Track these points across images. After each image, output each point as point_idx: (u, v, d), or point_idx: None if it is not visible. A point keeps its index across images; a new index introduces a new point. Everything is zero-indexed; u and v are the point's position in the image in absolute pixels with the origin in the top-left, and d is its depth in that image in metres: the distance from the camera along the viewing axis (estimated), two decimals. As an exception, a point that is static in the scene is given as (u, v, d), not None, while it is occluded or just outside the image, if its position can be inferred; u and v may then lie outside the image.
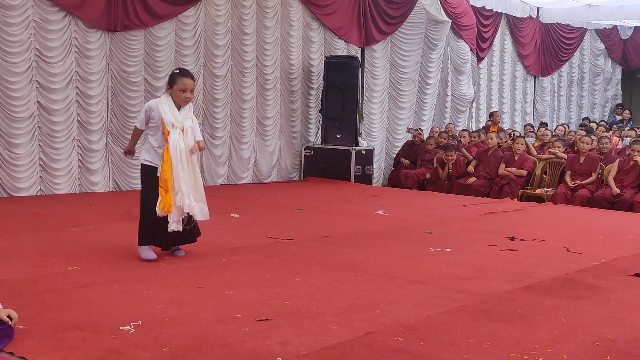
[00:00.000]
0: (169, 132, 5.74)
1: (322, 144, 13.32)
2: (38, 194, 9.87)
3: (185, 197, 5.79)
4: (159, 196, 5.73)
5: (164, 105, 5.81)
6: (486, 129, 15.25)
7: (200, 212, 5.96)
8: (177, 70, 5.98)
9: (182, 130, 5.79)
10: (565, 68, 20.18)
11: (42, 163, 9.92)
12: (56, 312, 4.24)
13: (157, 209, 5.72)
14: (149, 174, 5.87)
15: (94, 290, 4.79)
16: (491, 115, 16.45)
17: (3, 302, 3.81)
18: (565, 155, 12.01)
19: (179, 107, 5.84)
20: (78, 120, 10.25)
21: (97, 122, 10.44)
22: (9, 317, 3.71)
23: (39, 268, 5.45)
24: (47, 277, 5.14)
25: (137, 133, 6.19)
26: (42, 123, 9.87)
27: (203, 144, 6.07)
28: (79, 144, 10.31)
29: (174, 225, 5.81)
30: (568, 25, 19.41)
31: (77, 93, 10.20)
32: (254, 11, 12.32)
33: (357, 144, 13.14)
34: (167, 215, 5.77)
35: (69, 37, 10.00)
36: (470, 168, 12.38)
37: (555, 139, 13.16)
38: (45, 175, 9.96)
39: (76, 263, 5.65)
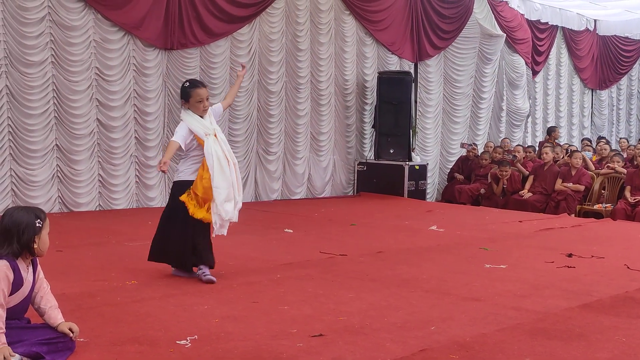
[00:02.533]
0: (204, 142, 5.69)
1: (375, 160, 13.31)
2: (97, 209, 10.09)
3: (226, 203, 5.67)
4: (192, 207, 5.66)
5: (190, 121, 5.75)
6: (540, 145, 14.88)
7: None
8: (187, 83, 5.86)
9: (215, 135, 5.75)
10: (624, 81, 19.79)
11: (101, 179, 10.14)
12: (115, 326, 4.32)
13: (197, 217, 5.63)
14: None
15: (151, 305, 4.88)
16: (551, 131, 16.00)
17: (64, 315, 3.91)
18: (624, 170, 11.76)
19: (201, 117, 5.80)
20: (136, 137, 10.47)
21: (154, 138, 10.64)
22: (70, 330, 3.80)
23: (98, 282, 5.57)
24: (105, 291, 5.25)
25: (173, 147, 5.79)
26: (101, 140, 10.10)
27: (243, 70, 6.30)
28: (137, 160, 10.51)
29: (221, 230, 5.74)
30: (627, 37, 19.05)
31: (135, 110, 10.42)
32: (307, 28, 12.42)
33: (410, 159, 13.09)
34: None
35: (128, 55, 10.24)
36: (525, 191, 12.12)
37: (614, 153, 12.90)
38: (104, 191, 10.18)
39: (134, 277, 5.75)
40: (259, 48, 11.81)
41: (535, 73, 16.77)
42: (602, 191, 11.92)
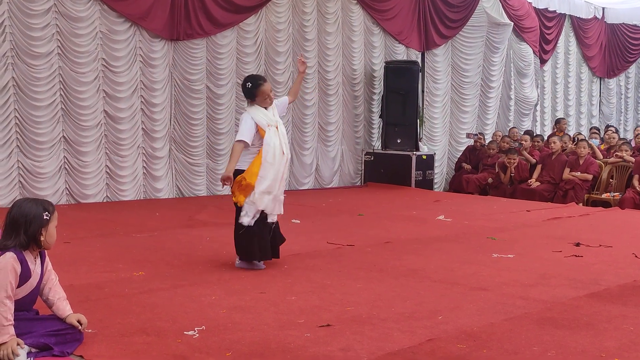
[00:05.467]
0: (265, 132, 5.81)
1: (382, 150, 13.29)
2: (104, 201, 10.11)
3: (265, 194, 5.78)
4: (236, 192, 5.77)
5: (255, 112, 5.86)
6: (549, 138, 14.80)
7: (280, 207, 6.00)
8: (249, 84, 5.91)
9: (277, 127, 5.90)
10: (632, 69, 19.66)
11: (108, 170, 10.16)
12: (123, 317, 4.34)
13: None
14: None
15: (159, 296, 4.89)
16: (557, 122, 15.92)
17: (72, 306, 3.92)
18: (632, 159, 11.70)
19: (266, 109, 5.96)
20: (143, 128, 10.47)
21: (161, 129, 10.64)
22: (78, 321, 3.82)
23: (106, 273, 5.59)
24: (113, 282, 5.27)
25: (240, 149, 5.81)
26: (108, 131, 10.11)
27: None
28: (144, 152, 10.52)
29: (246, 219, 5.80)
30: (635, 25, 18.90)
31: (141, 102, 10.42)
32: (314, 17, 12.38)
33: (417, 149, 13.07)
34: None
35: (134, 47, 10.23)
36: (532, 180, 12.10)
37: (622, 142, 12.84)
38: (111, 182, 10.19)
39: (141, 268, 5.77)
40: (266, 38, 11.78)
41: (543, 62, 16.68)
42: (610, 180, 11.88)
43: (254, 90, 5.89)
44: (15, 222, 3.67)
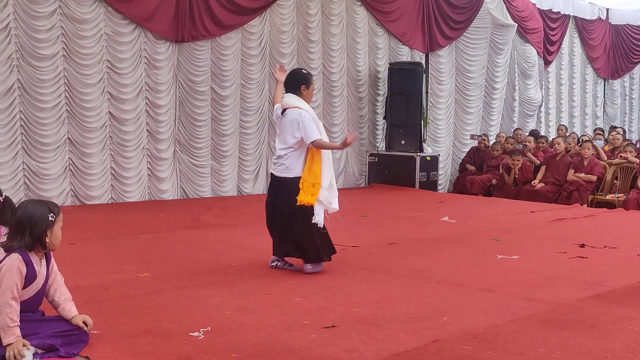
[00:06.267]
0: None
1: (386, 151, 13.30)
2: (109, 202, 10.13)
3: (328, 192, 5.78)
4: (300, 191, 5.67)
5: (311, 111, 5.86)
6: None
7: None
8: (305, 71, 6.07)
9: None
10: (637, 70, 19.64)
11: (113, 171, 10.18)
12: (128, 318, 4.34)
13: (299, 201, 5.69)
14: None
15: (164, 297, 4.90)
16: (557, 129, 15.90)
17: (78, 307, 3.93)
18: (637, 160, 11.69)
19: None
20: (147, 129, 10.49)
21: (166, 131, 10.66)
22: (84, 322, 3.83)
23: (111, 274, 5.59)
24: (118, 283, 5.28)
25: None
26: (113, 133, 10.13)
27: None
28: (149, 153, 10.53)
29: (319, 218, 5.80)
30: (639, 26, 18.90)
31: (146, 103, 10.44)
32: (319, 19, 12.39)
33: (421, 150, 13.07)
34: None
35: (139, 48, 10.25)
36: (537, 181, 12.08)
37: (626, 143, 12.83)
38: (116, 184, 10.21)
39: (146, 269, 5.77)
40: (270, 40, 11.79)
41: (547, 63, 16.68)
42: (615, 181, 11.87)
43: (310, 77, 5.95)
44: (21, 224, 3.67)
